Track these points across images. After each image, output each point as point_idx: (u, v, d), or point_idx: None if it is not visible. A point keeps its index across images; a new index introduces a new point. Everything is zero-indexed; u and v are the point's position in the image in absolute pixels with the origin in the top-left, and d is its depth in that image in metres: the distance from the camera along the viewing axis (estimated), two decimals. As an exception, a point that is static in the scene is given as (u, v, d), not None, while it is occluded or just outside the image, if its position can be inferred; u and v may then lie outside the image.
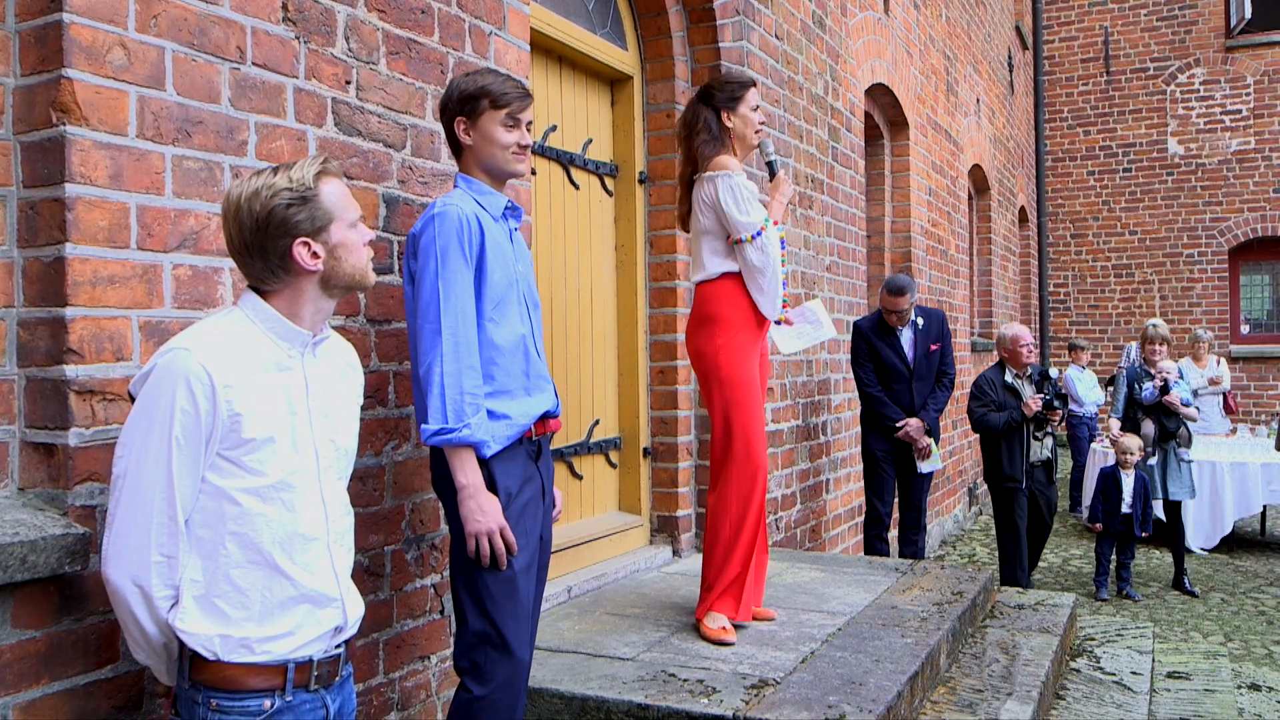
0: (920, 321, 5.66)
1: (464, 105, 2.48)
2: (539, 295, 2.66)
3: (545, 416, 2.55)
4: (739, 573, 3.35)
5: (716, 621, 3.33)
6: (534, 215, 3.74)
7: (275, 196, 1.73)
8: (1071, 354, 10.01)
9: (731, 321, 3.34)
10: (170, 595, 1.67)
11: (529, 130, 2.55)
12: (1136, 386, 6.97)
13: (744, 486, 3.33)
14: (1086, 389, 9.31)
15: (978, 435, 6.29)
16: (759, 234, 3.26)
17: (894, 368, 5.62)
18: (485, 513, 2.32)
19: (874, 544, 5.70)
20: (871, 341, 5.63)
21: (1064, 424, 6.20)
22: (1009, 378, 6.03)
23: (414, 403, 2.49)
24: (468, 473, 2.32)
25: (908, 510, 5.79)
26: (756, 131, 3.44)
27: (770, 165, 3.50)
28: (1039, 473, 6.11)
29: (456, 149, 2.56)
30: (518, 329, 2.48)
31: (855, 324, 5.80)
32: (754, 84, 3.47)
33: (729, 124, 3.42)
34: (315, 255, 1.77)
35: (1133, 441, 6.62)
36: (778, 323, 3.52)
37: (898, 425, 5.58)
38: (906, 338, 5.65)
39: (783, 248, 3.35)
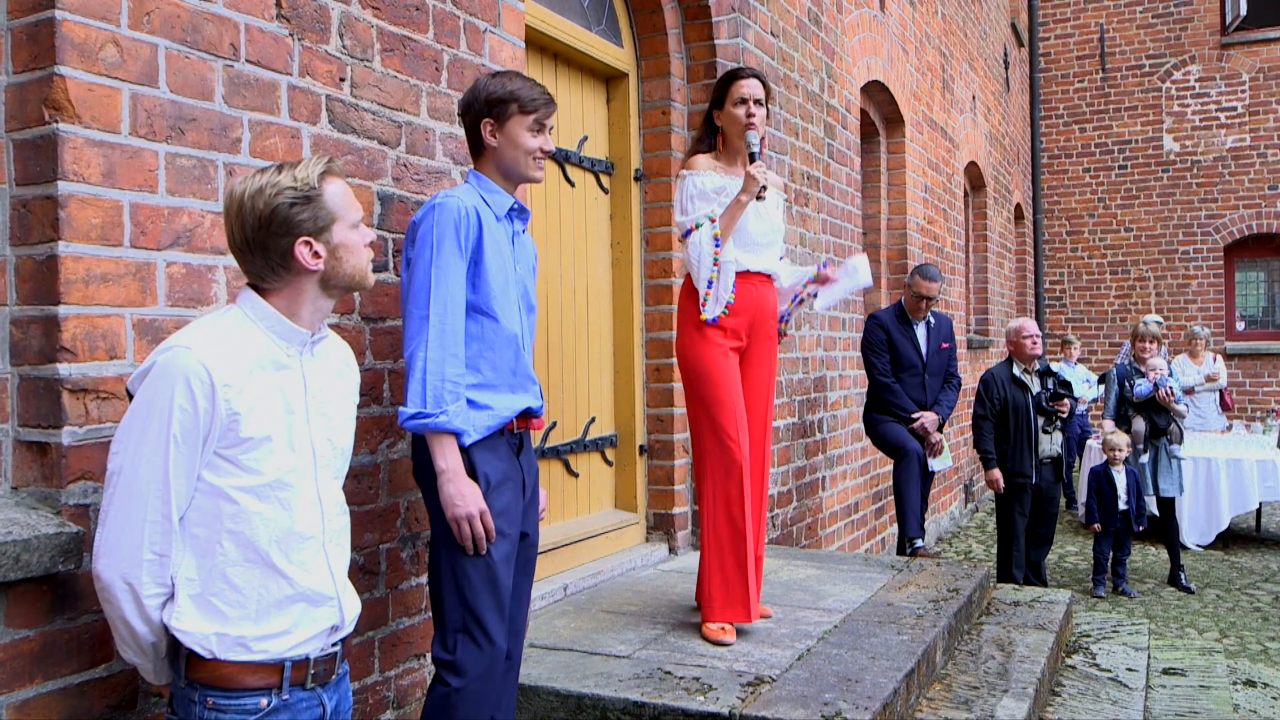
0: (932, 320, 5.81)
1: (492, 107, 2.51)
2: (536, 301, 2.67)
3: (528, 414, 2.57)
4: (736, 576, 3.28)
5: (716, 622, 3.32)
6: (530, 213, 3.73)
7: (279, 195, 1.73)
8: (1062, 349, 10.03)
9: (690, 317, 3.38)
10: (160, 594, 1.67)
11: (550, 135, 2.59)
12: (1127, 384, 6.98)
13: (719, 482, 3.29)
14: (1075, 384, 9.32)
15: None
16: (688, 232, 3.33)
17: (909, 359, 5.68)
18: (465, 497, 2.33)
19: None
20: (890, 331, 5.70)
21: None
22: (1016, 372, 6.04)
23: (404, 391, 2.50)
24: (448, 457, 2.34)
25: None
26: (747, 126, 3.38)
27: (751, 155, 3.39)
28: (1047, 470, 6.09)
29: (476, 148, 2.59)
30: (512, 327, 2.50)
31: (873, 314, 5.86)
32: (747, 75, 3.43)
33: (718, 122, 3.45)
34: (317, 255, 1.77)
35: (1120, 439, 6.64)
36: (815, 281, 3.55)
37: (913, 417, 5.62)
38: (921, 332, 5.75)
39: (717, 245, 3.29)
